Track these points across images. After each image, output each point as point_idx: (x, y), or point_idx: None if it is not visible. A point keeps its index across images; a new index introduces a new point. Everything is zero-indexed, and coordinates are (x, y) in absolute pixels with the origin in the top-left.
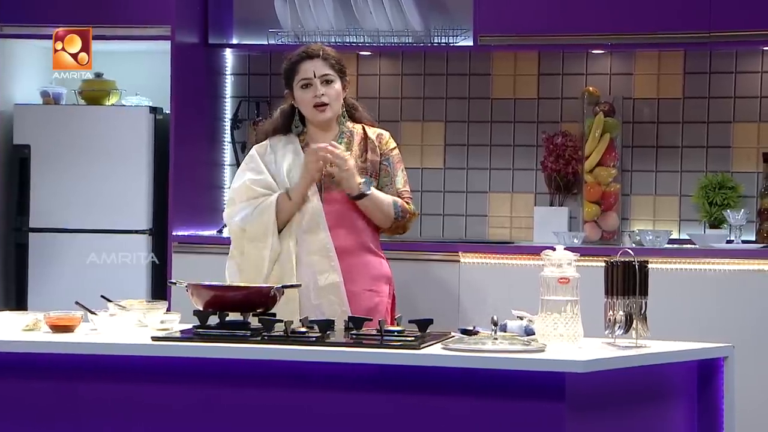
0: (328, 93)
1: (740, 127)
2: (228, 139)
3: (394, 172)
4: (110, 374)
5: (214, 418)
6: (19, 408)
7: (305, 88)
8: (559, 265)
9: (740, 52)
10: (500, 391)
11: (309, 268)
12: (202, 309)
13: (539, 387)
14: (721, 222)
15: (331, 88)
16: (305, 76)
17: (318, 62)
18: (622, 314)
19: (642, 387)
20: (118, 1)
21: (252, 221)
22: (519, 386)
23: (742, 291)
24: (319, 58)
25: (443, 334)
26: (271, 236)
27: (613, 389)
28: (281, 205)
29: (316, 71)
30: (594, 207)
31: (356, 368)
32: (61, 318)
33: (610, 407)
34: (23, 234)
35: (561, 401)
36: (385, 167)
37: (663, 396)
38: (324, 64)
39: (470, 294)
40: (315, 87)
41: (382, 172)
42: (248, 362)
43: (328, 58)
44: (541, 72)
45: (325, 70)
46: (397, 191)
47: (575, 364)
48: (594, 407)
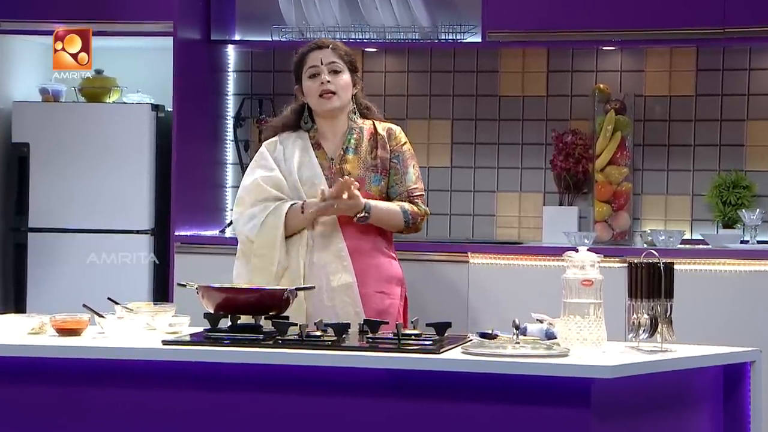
0: (335, 82)
1: (754, 125)
2: (231, 137)
3: (404, 169)
4: (120, 379)
5: (226, 423)
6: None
7: (312, 78)
8: (582, 267)
9: (754, 48)
10: (523, 396)
11: (322, 269)
12: (212, 312)
13: (564, 393)
14: (735, 222)
15: (338, 77)
16: (313, 64)
17: (327, 51)
18: (646, 317)
19: (667, 392)
20: None
21: (261, 234)
22: (543, 392)
23: (760, 292)
24: (327, 48)
25: (461, 337)
26: (279, 251)
27: (638, 395)
28: (292, 218)
29: (324, 59)
30: (605, 206)
31: (374, 373)
32: (68, 321)
33: (635, 413)
34: (22, 234)
35: (587, 407)
36: (395, 165)
37: (688, 401)
38: (332, 54)
39: (479, 295)
40: (322, 75)
41: (392, 169)
42: (262, 367)
43: (337, 49)
44: (550, 69)
45: (332, 59)
46: (407, 189)
47: (602, 370)
48: (619, 413)
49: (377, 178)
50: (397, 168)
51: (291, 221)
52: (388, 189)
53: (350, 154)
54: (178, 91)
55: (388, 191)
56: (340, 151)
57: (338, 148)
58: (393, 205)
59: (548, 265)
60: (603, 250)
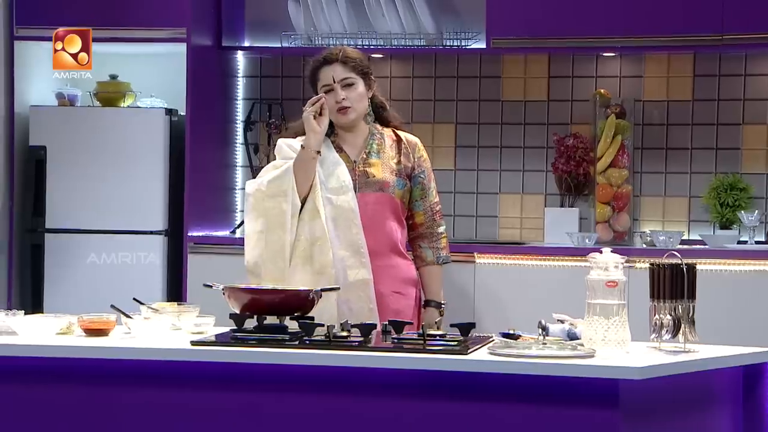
0: (349, 96)
1: (749, 129)
2: (240, 141)
3: (428, 184)
4: (149, 379)
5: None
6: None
7: (328, 94)
8: (606, 269)
9: (750, 54)
10: (551, 397)
11: (340, 263)
12: (238, 312)
13: (592, 394)
14: (732, 222)
15: (352, 91)
16: (325, 83)
17: (337, 67)
18: (669, 318)
19: (690, 393)
20: (134, 3)
21: (272, 180)
22: (571, 393)
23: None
24: (337, 62)
25: (486, 338)
26: (291, 190)
27: (663, 396)
28: (299, 160)
29: (336, 76)
30: (606, 208)
31: (400, 374)
32: (95, 321)
33: (661, 414)
34: (39, 235)
35: (615, 408)
36: (421, 180)
37: (710, 401)
38: (343, 69)
39: (485, 294)
40: (336, 92)
41: (418, 184)
42: (289, 367)
43: (347, 61)
44: (552, 75)
45: (344, 74)
46: (430, 204)
47: (630, 371)
48: (646, 415)
49: (401, 182)
50: (423, 183)
51: (298, 163)
52: (410, 202)
53: (373, 157)
54: (191, 95)
55: (411, 204)
56: (363, 155)
57: (361, 152)
58: (434, 272)
59: (552, 265)
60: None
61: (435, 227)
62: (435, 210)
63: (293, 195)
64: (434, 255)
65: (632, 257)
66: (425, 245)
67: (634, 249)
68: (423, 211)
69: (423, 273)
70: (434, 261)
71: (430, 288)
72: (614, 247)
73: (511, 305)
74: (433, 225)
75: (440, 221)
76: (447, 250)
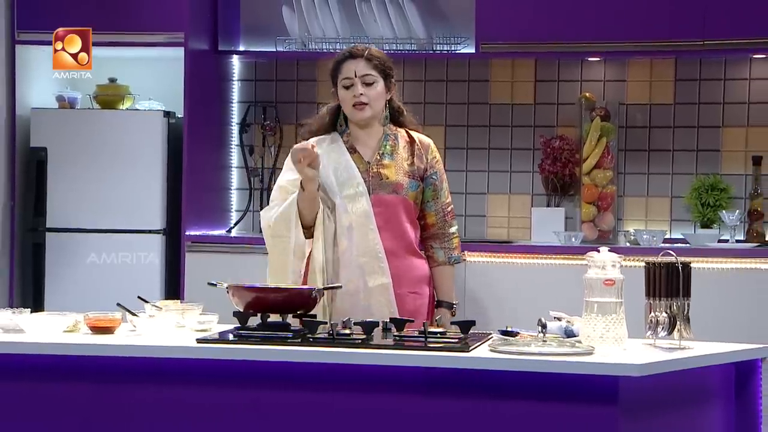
0: (367, 93)
1: (729, 132)
2: (236, 143)
3: (441, 185)
4: (155, 376)
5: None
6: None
7: (347, 89)
8: (603, 267)
9: (729, 59)
10: (551, 394)
11: (359, 269)
12: (242, 310)
13: (592, 390)
14: (713, 222)
15: (371, 88)
16: (347, 76)
17: (361, 62)
18: (665, 316)
19: (685, 389)
20: (133, 8)
21: (277, 218)
22: (571, 390)
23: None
24: (362, 58)
25: (485, 335)
26: (294, 229)
27: (660, 392)
28: (300, 199)
29: (358, 71)
30: (591, 208)
31: (402, 371)
32: (101, 319)
33: (658, 410)
34: (40, 234)
35: (615, 405)
36: (434, 182)
37: (704, 398)
38: (366, 65)
39: (476, 292)
40: (355, 87)
41: (430, 185)
42: (293, 364)
43: (372, 58)
44: (538, 79)
45: (366, 71)
46: (442, 205)
47: (630, 368)
48: (645, 411)
49: (414, 184)
50: (436, 184)
51: (300, 203)
52: (423, 203)
53: (387, 159)
54: (188, 98)
55: (423, 206)
56: (377, 156)
57: (374, 153)
58: (446, 272)
59: (539, 263)
60: (591, 249)
61: (447, 228)
62: (447, 211)
63: (297, 232)
64: (446, 255)
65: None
66: (437, 245)
67: (620, 247)
68: (435, 211)
69: (435, 273)
70: (446, 261)
71: (441, 288)
72: (599, 246)
73: (500, 302)
74: (445, 225)
75: (452, 221)
76: (459, 250)
